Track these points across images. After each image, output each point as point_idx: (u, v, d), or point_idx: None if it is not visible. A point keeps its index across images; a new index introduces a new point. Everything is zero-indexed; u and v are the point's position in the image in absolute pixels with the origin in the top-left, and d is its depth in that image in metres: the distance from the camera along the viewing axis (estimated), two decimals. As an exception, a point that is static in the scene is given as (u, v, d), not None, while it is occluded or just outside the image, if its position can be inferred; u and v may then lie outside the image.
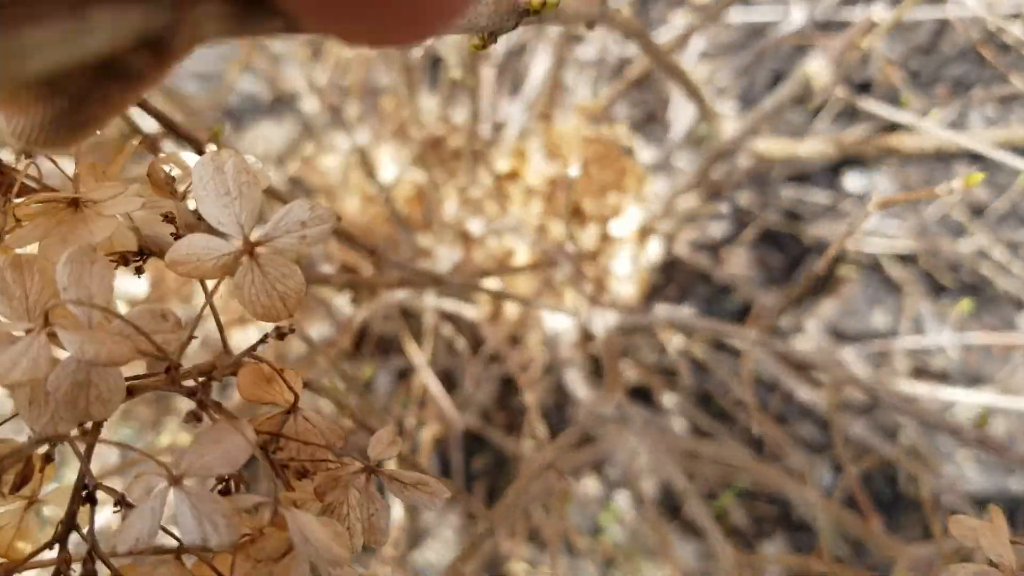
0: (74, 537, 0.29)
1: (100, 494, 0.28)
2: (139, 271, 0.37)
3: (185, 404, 0.30)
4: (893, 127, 0.76)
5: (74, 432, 0.29)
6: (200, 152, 0.49)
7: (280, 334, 0.30)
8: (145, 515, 0.25)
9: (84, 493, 0.28)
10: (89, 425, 0.30)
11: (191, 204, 0.34)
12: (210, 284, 0.31)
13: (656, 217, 1.02)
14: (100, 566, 0.28)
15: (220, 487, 0.29)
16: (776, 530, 1.23)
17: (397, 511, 0.97)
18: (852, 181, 1.37)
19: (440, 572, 1.25)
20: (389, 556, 0.85)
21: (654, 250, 1.02)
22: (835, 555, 1.08)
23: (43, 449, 0.31)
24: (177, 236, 0.35)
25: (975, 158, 1.28)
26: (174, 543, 0.26)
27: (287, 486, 0.29)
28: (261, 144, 1.42)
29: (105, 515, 0.29)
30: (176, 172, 0.37)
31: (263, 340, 0.31)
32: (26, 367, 0.25)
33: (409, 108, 1.07)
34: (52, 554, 0.28)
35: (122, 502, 0.27)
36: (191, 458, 0.26)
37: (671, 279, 1.34)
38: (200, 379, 0.29)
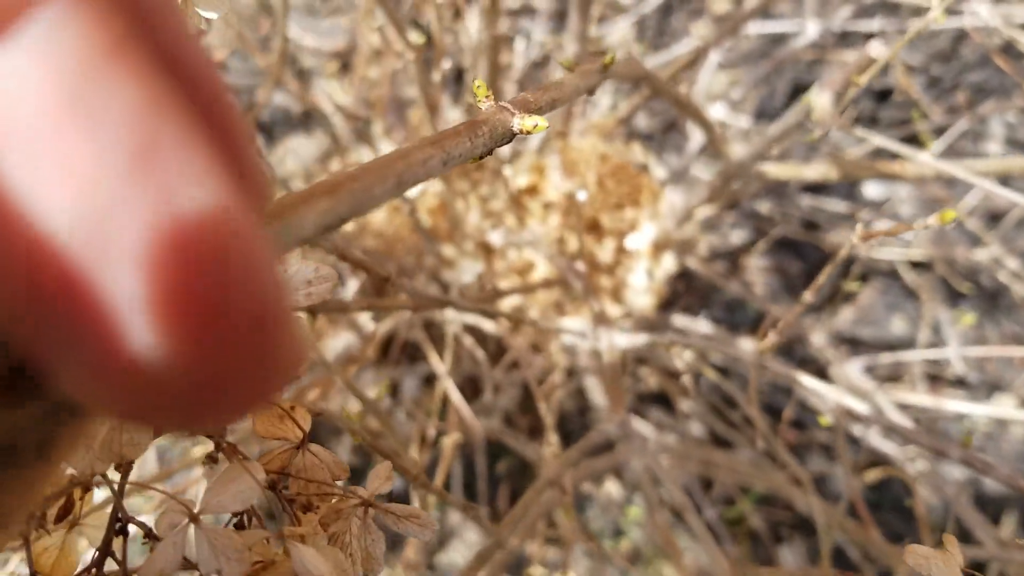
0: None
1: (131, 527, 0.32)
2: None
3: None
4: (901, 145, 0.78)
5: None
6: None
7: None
8: (168, 549, 0.29)
9: (117, 526, 0.32)
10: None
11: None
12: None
13: (670, 232, 1.05)
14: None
15: (235, 520, 0.32)
16: (794, 535, 1.25)
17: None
18: (872, 189, 1.38)
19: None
20: (411, 559, 0.90)
21: (668, 264, 1.05)
22: (849, 561, 1.10)
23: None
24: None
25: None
26: (195, 573, 0.30)
27: (295, 519, 0.33)
28: (292, 157, 1.47)
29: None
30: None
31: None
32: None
33: (431, 125, 1.11)
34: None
35: (149, 535, 0.31)
36: (208, 497, 0.30)
37: (691, 287, 1.36)
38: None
